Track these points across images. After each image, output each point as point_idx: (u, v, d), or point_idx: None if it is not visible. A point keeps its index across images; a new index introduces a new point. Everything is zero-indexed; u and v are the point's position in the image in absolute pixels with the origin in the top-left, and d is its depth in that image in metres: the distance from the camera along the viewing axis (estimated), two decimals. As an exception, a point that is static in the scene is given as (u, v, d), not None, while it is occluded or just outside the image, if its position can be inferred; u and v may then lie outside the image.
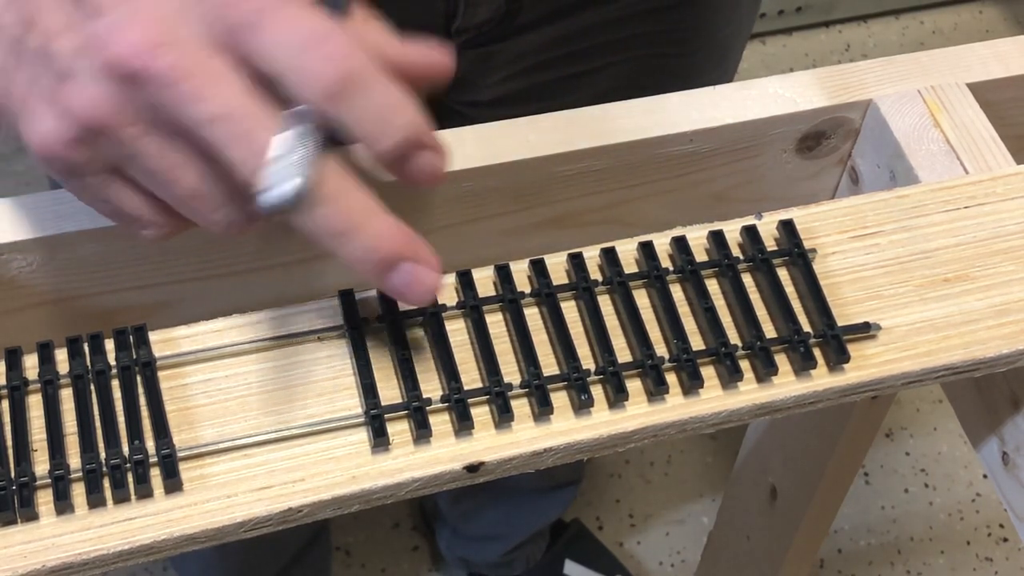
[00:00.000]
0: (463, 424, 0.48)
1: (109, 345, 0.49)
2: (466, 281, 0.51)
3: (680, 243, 0.53)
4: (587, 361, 0.50)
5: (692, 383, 0.50)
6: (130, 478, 0.46)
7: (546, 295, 0.51)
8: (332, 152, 0.44)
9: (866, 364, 0.51)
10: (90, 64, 0.42)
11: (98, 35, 0.42)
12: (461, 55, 0.75)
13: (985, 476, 1.50)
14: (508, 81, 0.78)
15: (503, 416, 0.48)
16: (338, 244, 0.43)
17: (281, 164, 0.42)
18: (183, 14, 0.43)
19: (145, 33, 0.42)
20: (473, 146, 0.57)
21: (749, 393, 0.50)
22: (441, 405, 0.49)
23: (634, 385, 0.50)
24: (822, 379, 0.51)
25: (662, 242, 0.53)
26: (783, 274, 0.53)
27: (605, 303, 0.52)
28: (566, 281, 0.52)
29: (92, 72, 0.42)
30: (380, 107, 0.43)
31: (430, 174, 0.45)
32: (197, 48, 0.42)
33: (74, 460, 0.46)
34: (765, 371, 0.50)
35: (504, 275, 0.52)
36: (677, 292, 0.52)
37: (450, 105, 0.81)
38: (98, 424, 0.47)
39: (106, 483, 0.46)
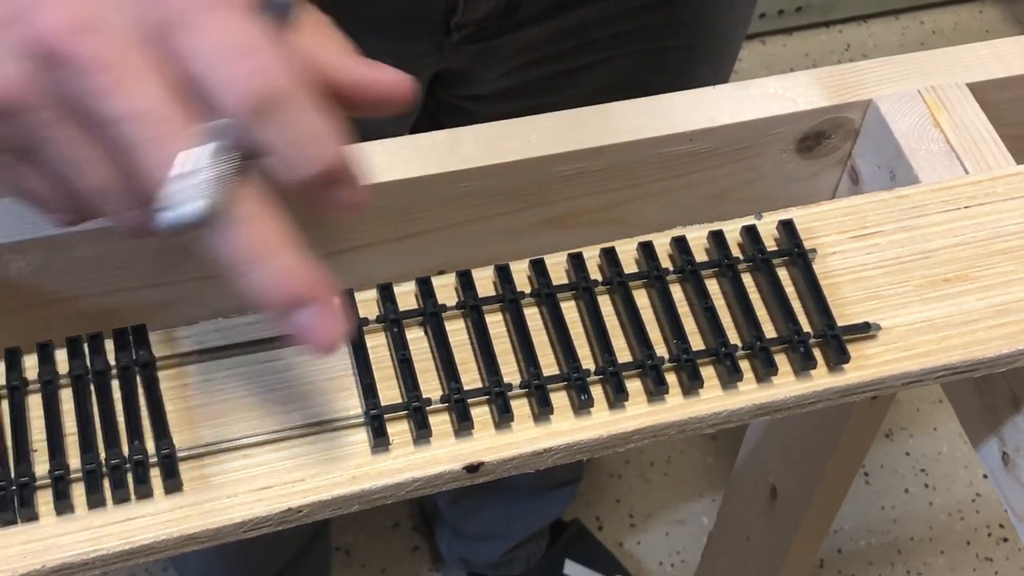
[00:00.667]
0: (463, 424, 0.48)
1: (109, 345, 0.49)
2: (466, 281, 0.51)
3: (680, 243, 0.53)
4: (587, 361, 0.50)
5: (692, 383, 0.50)
6: (130, 478, 0.46)
7: (546, 295, 0.51)
8: (252, 169, 0.40)
9: (866, 364, 0.51)
10: (10, 39, 0.40)
11: (23, 9, 0.40)
12: (461, 50, 0.76)
13: (985, 476, 1.50)
14: (508, 76, 0.78)
15: (503, 416, 0.48)
16: (240, 272, 0.40)
17: (187, 183, 0.39)
18: (116, 2, 0.40)
19: (71, 14, 0.39)
20: (473, 146, 0.57)
21: (749, 393, 0.50)
22: (441, 405, 0.49)
23: (634, 385, 0.50)
24: (822, 379, 0.51)
25: (662, 242, 0.53)
26: (783, 274, 0.53)
27: (605, 303, 0.52)
28: (566, 281, 0.52)
29: (11, 48, 0.40)
30: (300, 133, 0.40)
31: (343, 207, 0.42)
32: (122, 39, 0.40)
33: (74, 460, 0.46)
34: (765, 371, 0.50)
35: (504, 275, 0.52)
36: (677, 292, 0.52)
37: (450, 100, 0.81)
38: (98, 424, 0.47)
39: (106, 483, 0.46)
